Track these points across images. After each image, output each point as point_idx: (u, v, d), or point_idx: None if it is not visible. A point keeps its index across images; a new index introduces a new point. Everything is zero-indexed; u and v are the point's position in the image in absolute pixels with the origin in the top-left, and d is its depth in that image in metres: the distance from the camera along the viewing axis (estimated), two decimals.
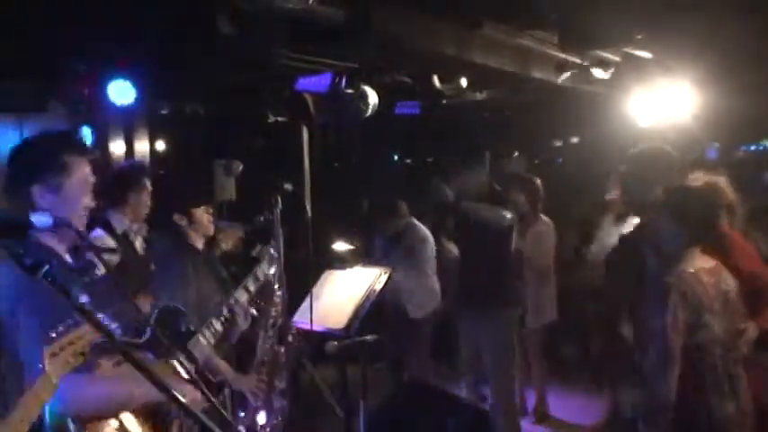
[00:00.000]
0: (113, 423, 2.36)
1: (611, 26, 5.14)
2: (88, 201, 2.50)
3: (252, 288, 3.47)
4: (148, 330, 2.58)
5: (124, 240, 4.27)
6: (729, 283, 3.18)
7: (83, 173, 2.46)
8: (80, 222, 2.47)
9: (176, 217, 3.60)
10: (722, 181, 3.66)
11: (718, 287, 3.14)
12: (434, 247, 6.19)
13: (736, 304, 3.19)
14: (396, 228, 6.09)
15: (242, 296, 3.39)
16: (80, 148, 2.51)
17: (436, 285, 6.19)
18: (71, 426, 2.24)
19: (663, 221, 3.23)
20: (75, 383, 2.17)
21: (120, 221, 4.31)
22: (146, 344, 2.51)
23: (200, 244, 3.66)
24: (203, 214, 3.65)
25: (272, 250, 3.65)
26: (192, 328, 3.03)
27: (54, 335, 1.90)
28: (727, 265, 3.27)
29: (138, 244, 4.36)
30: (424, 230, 6.10)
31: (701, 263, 3.16)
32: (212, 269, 3.76)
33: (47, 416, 2.21)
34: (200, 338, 3.03)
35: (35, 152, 2.46)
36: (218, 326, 3.17)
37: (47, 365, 1.92)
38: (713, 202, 3.34)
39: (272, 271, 3.63)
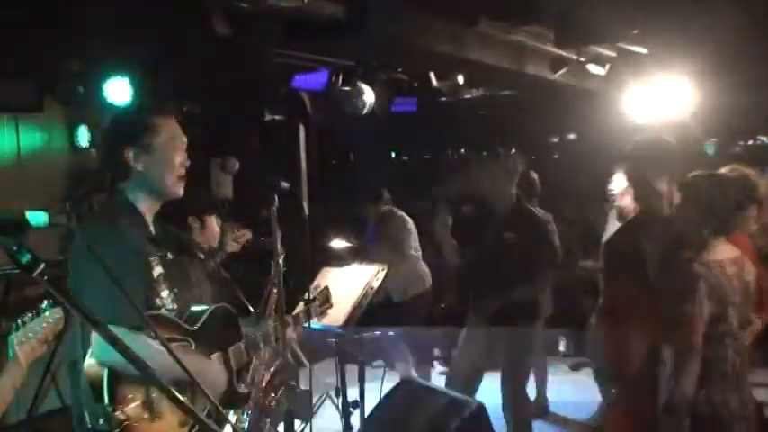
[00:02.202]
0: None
1: (608, 21, 5.14)
2: None
3: None
4: None
5: None
6: (750, 273, 3.08)
7: None
8: None
9: (191, 219, 3.66)
10: (752, 173, 3.46)
11: (741, 278, 3.04)
12: (416, 234, 6.22)
13: (752, 296, 3.09)
14: (376, 214, 6.22)
15: None
16: None
17: (419, 269, 6.20)
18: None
19: (684, 209, 3.15)
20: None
21: None
22: None
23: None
24: (214, 224, 3.72)
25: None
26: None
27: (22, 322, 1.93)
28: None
29: None
30: (405, 217, 6.19)
31: (726, 253, 3.05)
32: (211, 273, 3.75)
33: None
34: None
35: None
36: None
37: (18, 352, 1.93)
38: (733, 190, 3.12)
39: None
